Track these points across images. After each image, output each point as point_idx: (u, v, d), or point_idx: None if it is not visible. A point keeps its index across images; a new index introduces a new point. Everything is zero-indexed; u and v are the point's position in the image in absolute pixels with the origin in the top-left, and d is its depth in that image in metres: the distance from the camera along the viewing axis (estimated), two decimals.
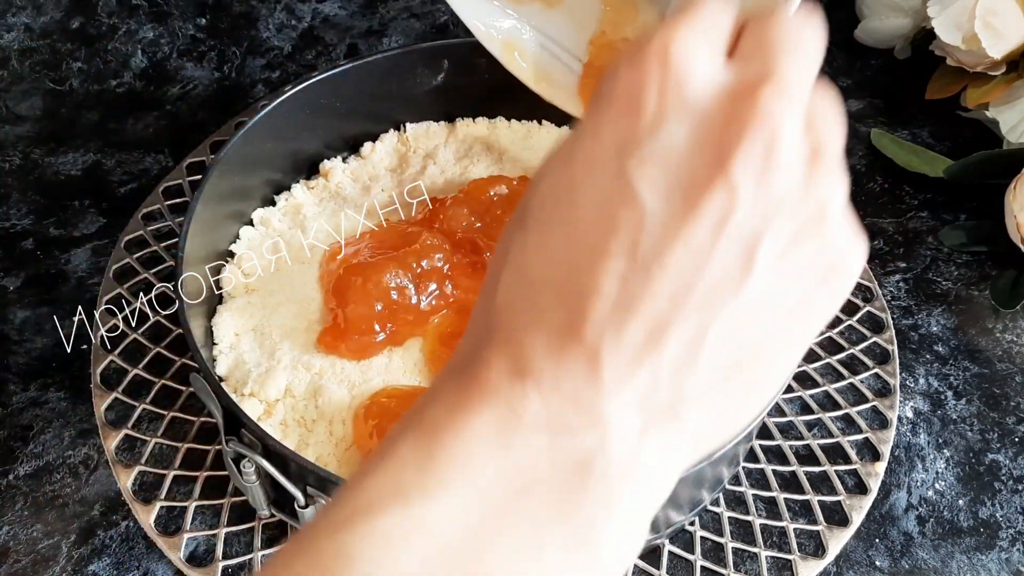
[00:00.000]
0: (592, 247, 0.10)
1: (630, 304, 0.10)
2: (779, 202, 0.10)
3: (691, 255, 0.10)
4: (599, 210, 0.10)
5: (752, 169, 0.10)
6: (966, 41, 0.33)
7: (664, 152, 0.10)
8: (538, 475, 0.10)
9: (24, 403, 0.26)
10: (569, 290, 0.10)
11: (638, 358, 0.10)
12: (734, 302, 0.10)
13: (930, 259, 0.32)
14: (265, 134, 0.28)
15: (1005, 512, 0.25)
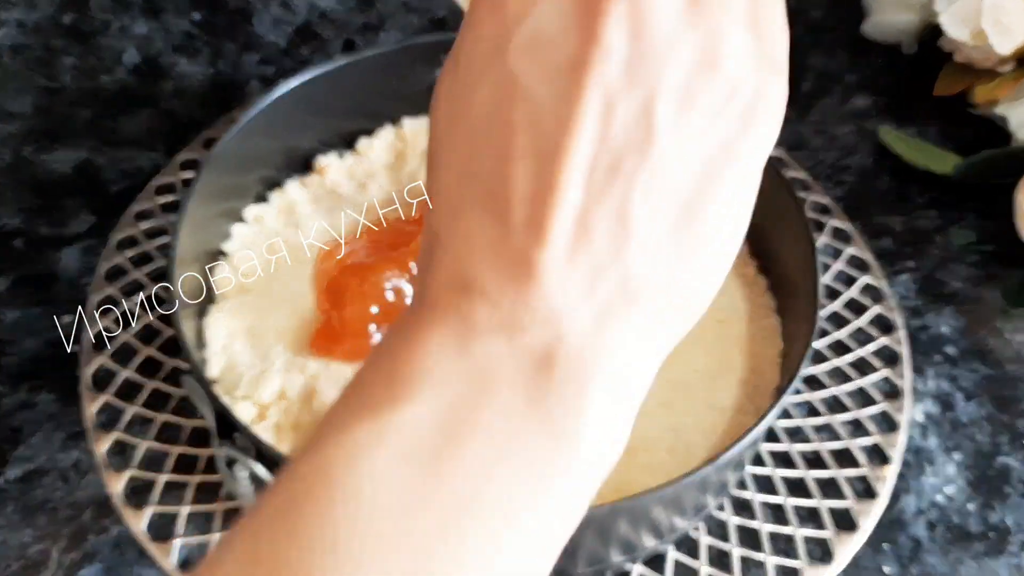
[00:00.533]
0: (497, 153, 0.10)
1: (546, 198, 0.10)
2: (662, 49, 0.09)
3: (588, 134, 0.09)
4: (493, 114, 0.10)
5: (622, 25, 0.09)
6: (974, 37, 0.32)
7: (535, 36, 0.10)
8: (503, 375, 0.10)
9: (14, 405, 0.26)
10: (488, 202, 0.10)
11: (571, 248, 0.10)
12: (647, 164, 0.10)
13: (939, 258, 0.31)
14: (260, 131, 0.27)
15: (1016, 517, 0.25)
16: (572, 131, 0.09)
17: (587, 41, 0.09)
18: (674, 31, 0.09)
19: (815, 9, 0.41)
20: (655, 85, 0.09)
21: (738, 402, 0.25)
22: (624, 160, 0.10)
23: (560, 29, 0.10)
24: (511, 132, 0.10)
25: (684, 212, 0.10)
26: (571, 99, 0.09)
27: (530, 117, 0.10)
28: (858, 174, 0.34)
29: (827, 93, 0.37)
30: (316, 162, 0.31)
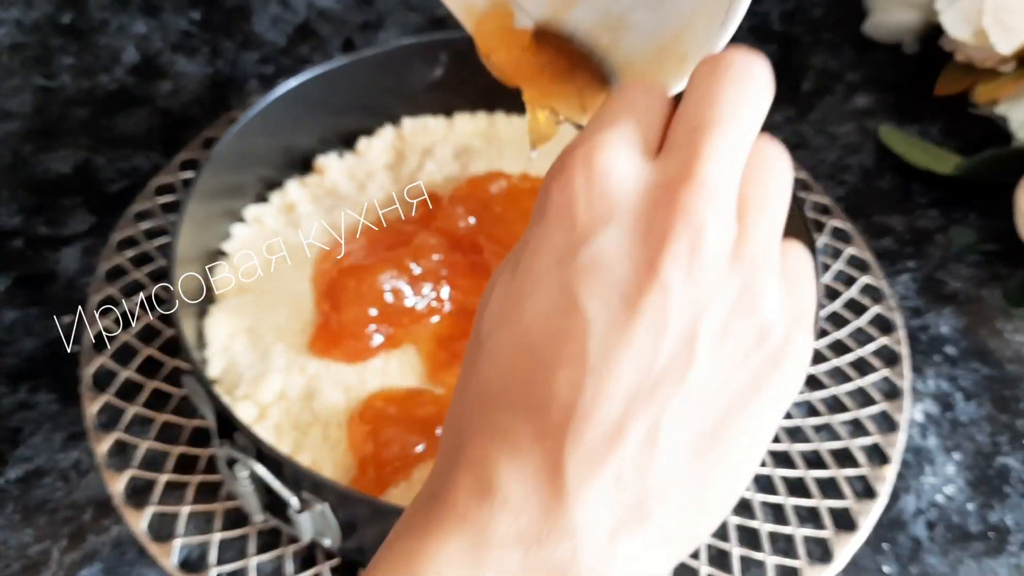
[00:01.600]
0: (543, 359, 0.11)
1: (585, 411, 0.10)
2: (709, 291, 0.10)
3: (636, 356, 0.10)
4: (546, 322, 0.11)
5: (680, 267, 0.10)
6: (975, 36, 0.32)
7: (598, 259, 0.10)
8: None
9: (13, 405, 0.26)
10: (526, 404, 0.11)
11: (599, 462, 0.10)
12: (682, 390, 0.10)
13: (940, 258, 0.31)
14: (259, 130, 0.27)
15: (1015, 516, 0.25)
16: (621, 350, 0.10)
17: (648, 274, 0.10)
18: (722, 275, 0.10)
19: (816, 8, 0.41)
20: (699, 321, 0.10)
21: None
22: (663, 384, 0.10)
23: (624, 255, 0.10)
24: (561, 342, 0.10)
25: (708, 438, 0.11)
26: (625, 322, 0.10)
27: (582, 332, 0.10)
28: (859, 174, 0.34)
29: (828, 92, 0.37)
30: (315, 162, 0.31)
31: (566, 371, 0.10)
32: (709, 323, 0.10)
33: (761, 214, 0.11)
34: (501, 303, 0.11)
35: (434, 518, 0.11)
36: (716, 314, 0.10)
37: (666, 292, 0.10)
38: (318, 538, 0.22)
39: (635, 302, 0.10)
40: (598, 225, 0.10)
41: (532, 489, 0.10)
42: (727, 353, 0.11)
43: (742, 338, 0.11)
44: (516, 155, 0.31)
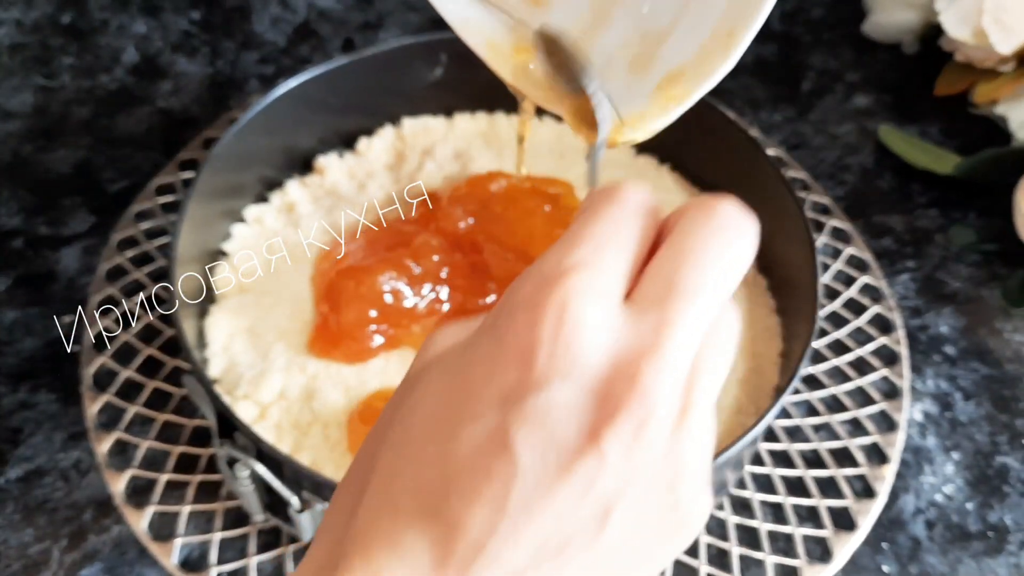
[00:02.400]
0: (461, 490, 0.10)
1: (493, 554, 0.10)
2: (642, 470, 0.11)
3: (554, 515, 0.10)
4: (476, 454, 0.11)
5: (623, 444, 0.10)
6: (975, 36, 0.32)
7: (545, 412, 0.10)
8: None
9: (14, 405, 0.26)
10: (432, 527, 0.10)
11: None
12: (585, 554, 0.11)
13: (939, 258, 0.31)
14: (259, 130, 0.27)
15: (1014, 516, 0.25)
16: (542, 506, 0.10)
17: (589, 442, 0.10)
18: (657, 455, 0.11)
19: (816, 8, 0.41)
20: (623, 494, 0.11)
21: (738, 402, 0.25)
22: (570, 546, 0.11)
23: (569, 416, 0.10)
24: (486, 479, 0.10)
25: (586, 546, 0.11)
26: (554, 480, 0.10)
27: (509, 476, 0.10)
28: (859, 174, 0.34)
29: (828, 92, 0.37)
30: (316, 162, 0.31)
31: (483, 510, 0.10)
32: (632, 498, 0.11)
33: (709, 384, 0.11)
34: (432, 415, 0.11)
35: None
36: (641, 490, 0.11)
37: (602, 463, 0.10)
38: None
39: (569, 465, 0.10)
40: (554, 377, 0.10)
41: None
42: (636, 525, 0.11)
43: (653, 515, 0.11)
44: (516, 155, 0.31)
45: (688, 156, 0.31)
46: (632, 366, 0.10)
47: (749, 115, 0.36)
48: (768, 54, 0.39)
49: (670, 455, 0.11)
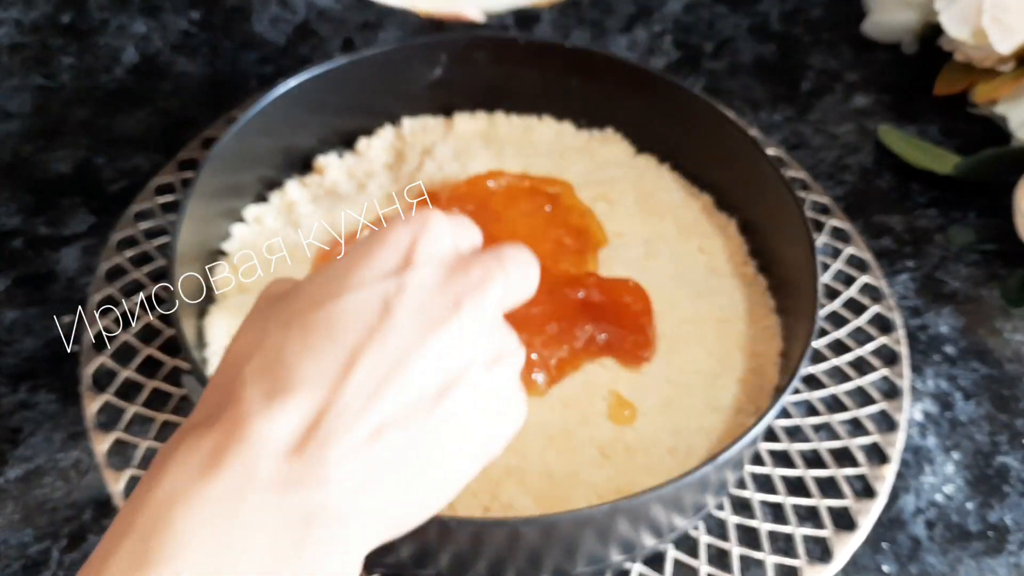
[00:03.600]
0: (352, 346, 0.13)
1: (372, 397, 0.13)
2: (485, 344, 0.15)
3: (422, 363, 0.14)
4: (360, 318, 0.14)
5: (477, 315, 0.14)
6: (974, 36, 0.32)
7: (418, 286, 0.14)
8: (265, 530, 0.12)
9: (13, 405, 0.26)
10: (327, 376, 0.13)
11: (367, 443, 0.13)
12: (438, 409, 0.14)
13: (939, 258, 0.31)
14: (258, 130, 0.27)
15: (1014, 516, 0.25)
16: (413, 356, 0.14)
17: (451, 313, 0.14)
18: (489, 338, 0.15)
19: (816, 8, 0.41)
20: (471, 364, 0.14)
21: (738, 402, 0.25)
22: (424, 392, 0.14)
23: (435, 292, 0.14)
24: (370, 336, 0.14)
25: (431, 444, 0.14)
26: (423, 337, 0.14)
27: (389, 332, 0.14)
28: (858, 173, 0.34)
29: (827, 92, 0.37)
30: (315, 161, 0.31)
31: (369, 360, 0.13)
32: (475, 370, 0.14)
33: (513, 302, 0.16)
34: (322, 294, 0.14)
35: (211, 457, 0.12)
36: (480, 368, 0.15)
37: (461, 331, 0.14)
38: None
39: (435, 327, 0.14)
40: (424, 263, 0.14)
41: (307, 446, 0.12)
42: (475, 394, 0.14)
43: (486, 392, 0.14)
44: (516, 154, 0.31)
45: (688, 156, 0.31)
46: (474, 268, 0.15)
47: (749, 115, 0.36)
48: (767, 54, 0.39)
49: (494, 341, 0.15)
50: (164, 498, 0.12)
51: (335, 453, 0.12)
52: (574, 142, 0.32)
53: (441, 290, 0.14)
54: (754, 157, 0.27)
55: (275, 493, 0.12)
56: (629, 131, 0.32)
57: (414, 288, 0.14)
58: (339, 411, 0.13)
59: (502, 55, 0.30)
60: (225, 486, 0.12)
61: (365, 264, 0.14)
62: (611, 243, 0.28)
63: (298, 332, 0.13)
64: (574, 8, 0.40)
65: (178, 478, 0.12)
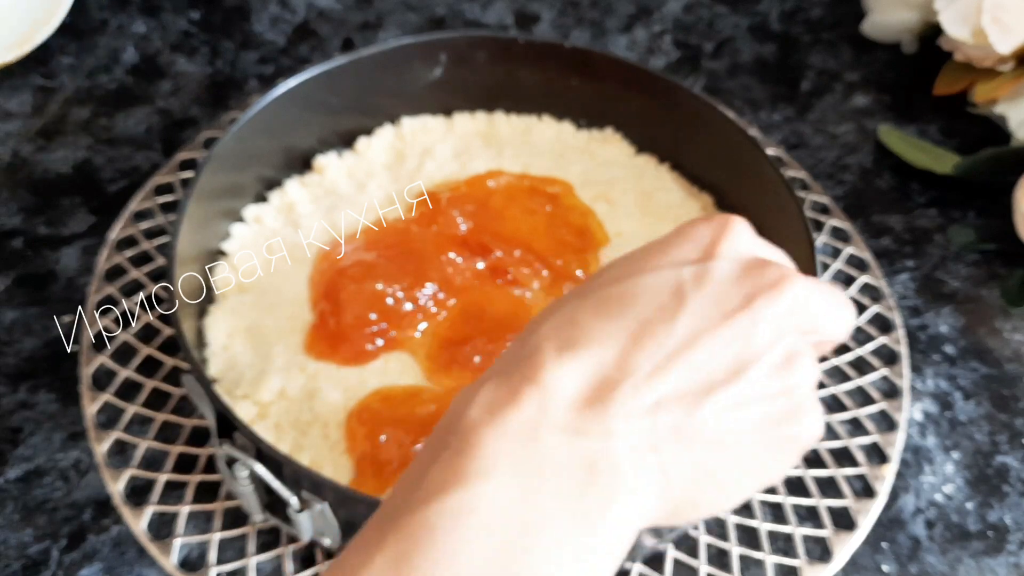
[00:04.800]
0: (643, 319, 0.14)
1: (659, 369, 0.14)
2: (775, 343, 0.14)
3: (709, 351, 0.14)
4: (654, 295, 0.14)
5: (769, 313, 0.14)
6: (974, 36, 0.32)
7: (713, 277, 0.14)
8: (557, 466, 0.13)
9: (13, 405, 0.26)
10: (616, 341, 0.14)
11: (650, 410, 0.14)
12: (722, 394, 0.14)
13: (939, 258, 0.31)
14: (258, 130, 0.27)
15: (1014, 515, 0.25)
16: (703, 340, 0.14)
17: (744, 304, 0.14)
18: (788, 344, 0.15)
19: (815, 8, 0.41)
20: (763, 353, 0.14)
21: None
22: (716, 378, 0.14)
23: (731, 284, 0.14)
24: (662, 315, 0.14)
25: (726, 446, 0.14)
26: (714, 325, 0.14)
27: (681, 314, 0.14)
28: (858, 173, 0.34)
29: (827, 92, 0.37)
30: (315, 161, 0.31)
31: (660, 335, 0.14)
32: (768, 357, 0.14)
33: (829, 331, 0.15)
34: (620, 276, 0.15)
35: (510, 394, 0.13)
36: (774, 360, 0.14)
37: (753, 323, 0.14)
38: (318, 538, 0.22)
39: (728, 317, 0.14)
40: (722, 256, 0.15)
41: (595, 400, 0.13)
42: (764, 392, 0.14)
43: (776, 395, 0.14)
44: (516, 154, 0.31)
45: (688, 155, 0.31)
46: (778, 267, 0.15)
47: (749, 115, 0.36)
48: (767, 54, 0.39)
49: (795, 360, 0.14)
50: (471, 425, 0.13)
51: (620, 411, 0.13)
52: (574, 142, 0.32)
53: (736, 284, 0.14)
54: (754, 157, 0.27)
55: (566, 436, 0.13)
56: (629, 131, 0.32)
57: (710, 278, 0.14)
58: (626, 374, 0.13)
59: (502, 55, 0.30)
60: (523, 419, 0.13)
61: (665, 252, 0.15)
62: (611, 243, 0.28)
63: (593, 302, 0.14)
64: (574, 8, 0.40)
65: (482, 410, 0.13)
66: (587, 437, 0.13)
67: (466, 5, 0.40)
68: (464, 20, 0.39)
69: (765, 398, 0.14)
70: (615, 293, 0.14)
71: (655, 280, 0.14)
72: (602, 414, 0.13)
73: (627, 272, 0.15)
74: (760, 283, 0.14)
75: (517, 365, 0.14)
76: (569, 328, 0.14)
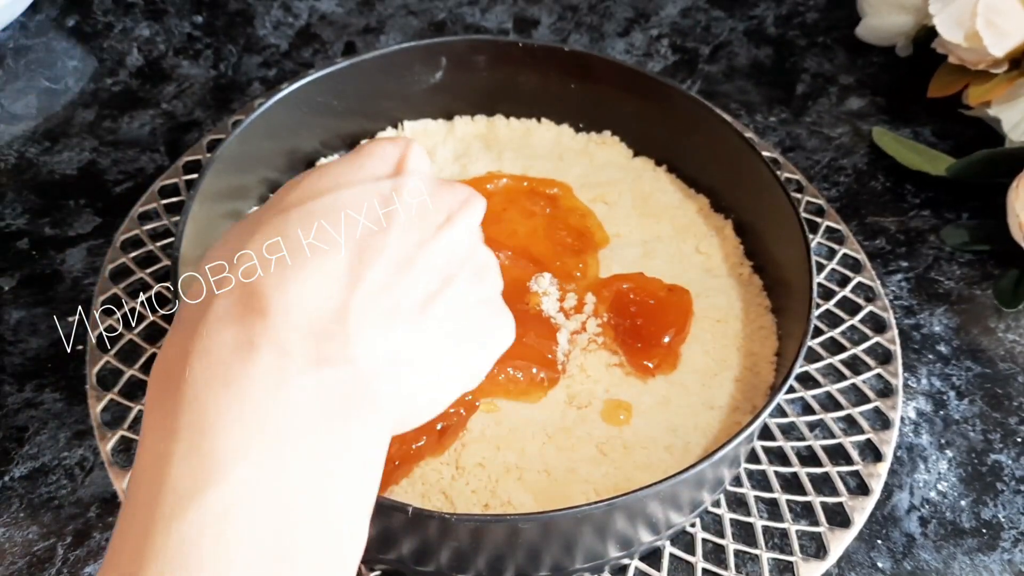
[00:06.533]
0: (360, 233, 0.14)
1: (387, 284, 0.14)
2: (470, 259, 0.16)
3: (428, 261, 0.15)
4: (364, 211, 0.15)
5: (465, 225, 0.16)
6: (968, 39, 0.33)
7: (412, 190, 0.15)
8: (308, 411, 0.12)
9: (19, 404, 0.26)
10: (337, 255, 0.14)
11: (384, 324, 0.14)
12: (440, 303, 0.15)
13: (932, 258, 0.32)
14: (262, 133, 0.28)
15: (1008, 513, 0.25)
16: (419, 254, 0.15)
17: (445, 226, 0.16)
18: (476, 256, 0.17)
19: (811, 12, 0.41)
20: (461, 267, 0.16)
21: (734, 400, 0.25)
22: (429, 288, 0.15)
23: (431, 203, 0.16)
24: (384, 232, 0.15)
25: (432, 305, 0.15)
26: (425, 241, 0.15)
27: (400, 231, 0.15)
28: (853, 175, 0.34)
29: (822, 95, 0.38)
30: (318, 163, 0.31)
31: (386, 256, 0.14)
32: (464, 274, 0.16)
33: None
34: (313, 180, 0.15)
35: (246, 348, 0.13)
36: (468, 274, 0.16)
37: (452, 242, 0.16)
38: None
39: (434, 234, 0.15)
40: (414, 173, 0.16)
41: (332, 330, 0.13)
42: (466, 300, 0.16)
43: (475, 296, 0.16)
44: (515, 157, 0.31)
45: (684, 158, 0.31)
46: (459, 188, 0.16)
47: (744, 117, 0.36)
48: (763, 57, 0.39)
49: (479, 253, 0.16)
50: (203, 392, 0.12)
51: (357, 330, 0.13)
52: (573, 144, 0.32)
53: (433, 200, 0.15)
54: (750, 159, 0.27)
55: (311, 372, 0.12)
56: (627, 134, 0.32)
57: (408, 192, 0.15)
58: (356, 290, 0.13)
59: (502, 59, 0.31)
60: (263, 372, 0.12)
61: (357, 168, 0.15)
62: (610, 243, 0.29)
63: (298, 216, 0.14)
64: (572, 12, 0.40)
65: (212, 368, 0.12)
66: (332, 366, 0.12)
67: (466, 9, 0.40)
68: (464, 24, 0.39)
69: (470, 301, 0.15)
70: (321, 207, 0.14)
71: (357, 193, 0.14)
72: (342, 336, 0.13)
73: (325, 187, 0.15)
74: (451, 202, 0.16)
75: (233, 297, 0.13)
76: (285, 244, 0.14)
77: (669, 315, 0.26)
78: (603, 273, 0.28)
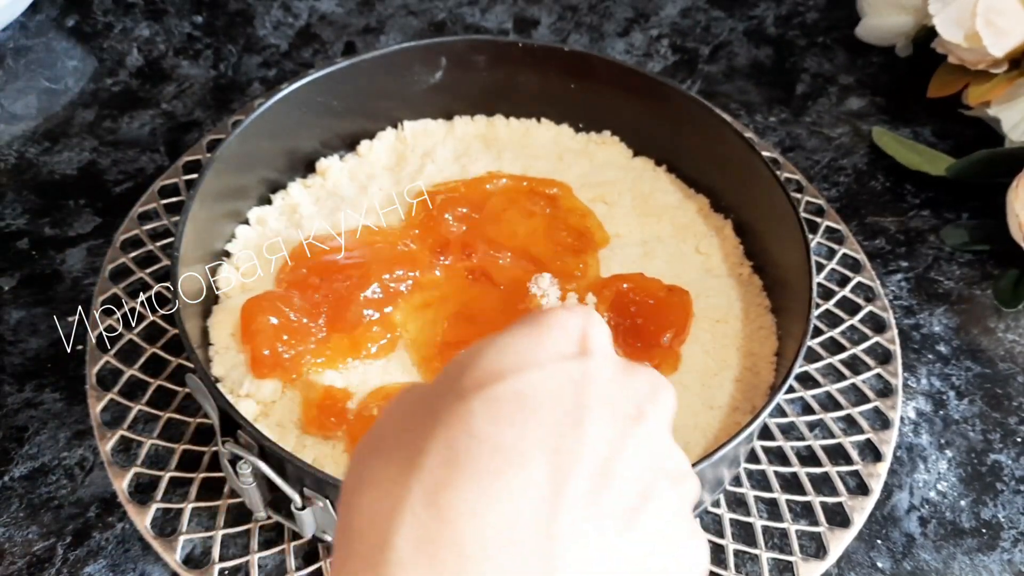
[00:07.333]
0: (553, 430, 0.13)
1: (589, 499, 0.12)
2: (668, 461, 0.14)
3: (627, 467, 0.13)
4: (555, 402, 0.13)
5: (659, 429, 0.14)
6: (968, 39, 0.33)
7: (602, 377, 0.13)
8: None
9: (19, 404, 0.26)
10: (536, 458, 0.12)
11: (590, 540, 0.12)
12: (648, 512, 0.13)
13: (932, 258, 0.32)
14: (262, 132, 0.28)
15: (1007, 513, 0.25)
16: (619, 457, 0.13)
17: (639, 416, 0.14)
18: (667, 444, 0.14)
19: (811, 12, 0.42)
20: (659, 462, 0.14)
21: (734, 400, 0.25)
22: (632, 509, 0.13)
23: (622, 383, 0.14)
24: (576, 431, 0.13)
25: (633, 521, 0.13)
26: (622, 438, 0.13)
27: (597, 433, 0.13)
28: (853, 175, 0.34)
29: (822, 95, 0.38)
30: (318, 164, 0.31)
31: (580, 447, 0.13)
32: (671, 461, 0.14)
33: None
34: (501, 347, 0.14)
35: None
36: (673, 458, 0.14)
37: (650, 430, 0.14)
38: (320, 534, 0.22)
39: (631, 426, 0.13)
40: (599, 351, 0.14)
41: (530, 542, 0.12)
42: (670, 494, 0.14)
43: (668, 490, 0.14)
44: (515, 157, 0.31)
45: (685, 158, 0.31)
46: (644, 373, 0.14)
47: (744, 117, 0.36)
48: (763, 57, 0.39)
49: (675, 453, 0.14)
50: None
51: (564, 555, 0.12)
52: (572, 144, 0.32)
53: (621, 388, 0.13)
54: (749, 159, 0.27)
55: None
56: (626, 134, 0.32)
57: (600, 378, 0.13)
58: (560, 499, 0.12)
59: (501, 59, 0.31)
60: None
61: (537, 342, 0.13)
62: (610, 243, 0.29)
63: (482, 406, 0.13)
64: (572, 12, 0.40)
65: None
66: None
67: (466, 9, 0.40)
68: (464, 24, 0.39)
69: (670, 515, 0.13)
70: (503, 394, 0.12)
71: (546, 378, 0.13)
72: (547, 560, 0.11)
73: (507, 367, 0.13)
74: (640, 392, 0.14)
75: (419, 528, 0.11)
76: (468, 442, 0.12)
77: (669, 315, 0.26)
78: (603, 273, 0.28)
